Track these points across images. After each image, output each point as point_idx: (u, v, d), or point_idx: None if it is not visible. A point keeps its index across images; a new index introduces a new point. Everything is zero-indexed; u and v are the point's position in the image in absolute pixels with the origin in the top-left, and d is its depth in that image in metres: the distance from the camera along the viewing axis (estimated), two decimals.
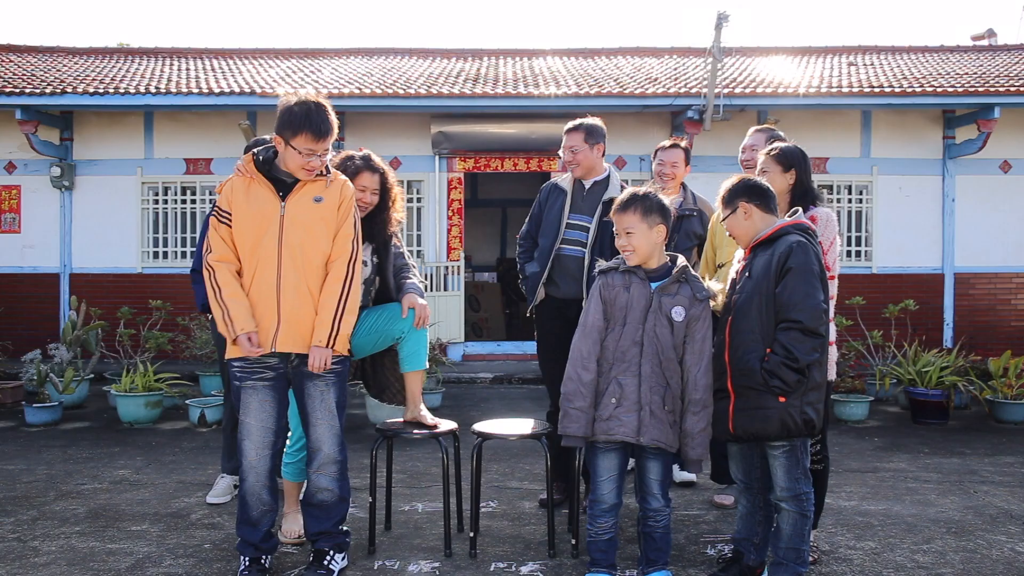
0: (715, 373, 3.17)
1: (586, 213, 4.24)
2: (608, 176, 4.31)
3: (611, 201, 4.16)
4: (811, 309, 2.96)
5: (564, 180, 4.40)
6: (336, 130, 3.26)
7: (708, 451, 3.19)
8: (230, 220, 3.25)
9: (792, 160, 3.49)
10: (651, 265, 3.22)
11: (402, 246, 3.93)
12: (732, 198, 3.23)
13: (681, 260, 3.27)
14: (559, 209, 4.30)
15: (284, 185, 3.27)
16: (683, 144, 4.80)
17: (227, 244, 3.26)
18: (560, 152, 4.35)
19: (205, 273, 3.27)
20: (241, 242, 3.24)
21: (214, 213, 3.29)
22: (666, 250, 3.33)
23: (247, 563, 3.30)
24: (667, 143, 4.80)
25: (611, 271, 3.27)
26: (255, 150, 3.36)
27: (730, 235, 3.32)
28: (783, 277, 3.01)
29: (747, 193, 3.19)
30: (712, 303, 3.24)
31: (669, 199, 3.43)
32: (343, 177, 3.41)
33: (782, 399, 2.99)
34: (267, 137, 3.57)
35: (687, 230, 4.56)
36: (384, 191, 3.72)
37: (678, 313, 3.14)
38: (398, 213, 3.80)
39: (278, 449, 3.37)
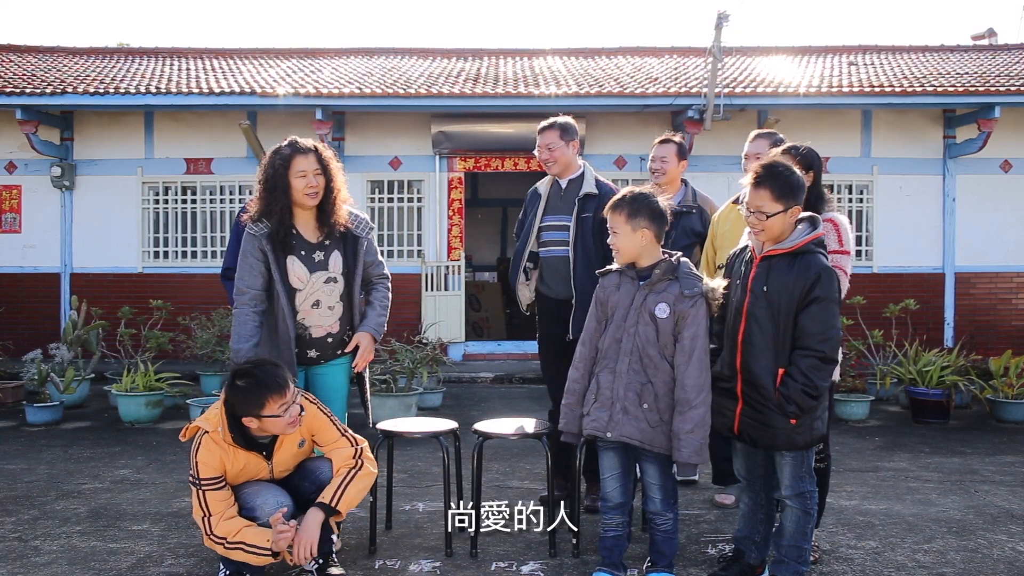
0: (725, 375, 3.15)
1: (564, 212, 4.26)
2: (583, 173, 4.31)
3: (586, 197, 4.19)
4: (833, 340, 2.98)
5: (542, 184, 4.45)
6: (289, 381, 3.12)
7: (702, 455, 3.08)
8: (223, 482, 3.13)
9: (812, 162, 3.47)
10: (643, 264, 3.23)
11: (374, 242, 3.74)
12: (794, 194, 3.03)
13: (678, 258, 3.24)
14: (533, 215, 4.37)
15: (265, 446, 3.22)
16: (676, 138, 4.66)
17: (227, 503, 3.11)
18: (536, 152, 4.35)
19: (206, 528, 3.08)
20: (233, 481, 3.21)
21: (201, 486, 3.07)
22: (665, 248, 3.30)
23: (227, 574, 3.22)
24: (660, 138, 4.71)
25: (608, 273, 3.33)
26: (230, 428, 3.14)
27: (759, 220, 3.07)
28: (808, 304, 2.97)
29: (801, 197, 3.08)
30: (713, 302, 3.17)
31: (665, 198, 3.35)
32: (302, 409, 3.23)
33: (793, 421, 2.98)
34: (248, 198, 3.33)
35: (685, 227, 4.46)
36: (324, 167, 3.52)
37: (662, 310, 3.12)
38: (341, 190, 3.58)
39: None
